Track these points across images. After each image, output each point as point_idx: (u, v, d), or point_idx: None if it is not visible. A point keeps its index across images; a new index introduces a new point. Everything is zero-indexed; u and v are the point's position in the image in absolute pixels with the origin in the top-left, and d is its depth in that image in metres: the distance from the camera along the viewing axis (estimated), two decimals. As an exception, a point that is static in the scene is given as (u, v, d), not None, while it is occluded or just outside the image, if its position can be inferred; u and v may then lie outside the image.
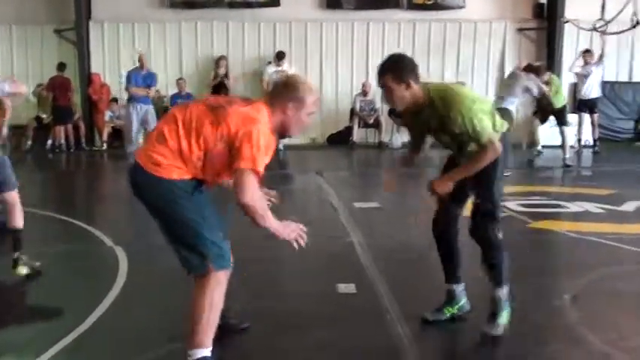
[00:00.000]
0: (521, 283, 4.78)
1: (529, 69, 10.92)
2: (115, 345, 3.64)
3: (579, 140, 13.59)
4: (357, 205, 7.83)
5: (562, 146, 11.44)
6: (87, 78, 14.92)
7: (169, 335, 3.88)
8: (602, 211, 7.50)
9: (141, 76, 11.84)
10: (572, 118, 12.74)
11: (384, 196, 8.59)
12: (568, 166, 11.25)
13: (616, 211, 7.48)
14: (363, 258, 5.42)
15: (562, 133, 11.48)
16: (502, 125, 3.75)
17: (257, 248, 5.49)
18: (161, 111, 12.62)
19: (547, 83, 11.12)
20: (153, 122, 11.41)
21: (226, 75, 14.60)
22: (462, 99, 3.56)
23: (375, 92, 15.05)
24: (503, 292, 3.76)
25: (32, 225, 5.91)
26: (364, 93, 14.79)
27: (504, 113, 10.06)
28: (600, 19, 12.64)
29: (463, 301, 4.02)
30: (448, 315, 3.98)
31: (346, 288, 4.63)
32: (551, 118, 11.74)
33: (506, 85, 10.55)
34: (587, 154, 13.42)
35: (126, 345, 3.73)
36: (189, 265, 3.22)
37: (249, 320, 3.93)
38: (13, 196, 5.10)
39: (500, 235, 3.72)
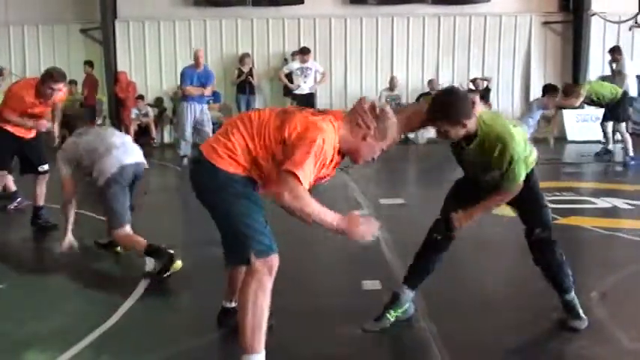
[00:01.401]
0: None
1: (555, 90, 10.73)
2: (138, 340, 3.68)
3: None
4: (383, 201, 7.82)
5: (624, 145, 11.17)
6: (113, 76, 15.07)
7: (191, 331, 3.93)
8: (631, 207, 7.41)
9: (196, 75, 11.47)
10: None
11: (409, 192, 8.56)
12: (633, 159, 10.91)
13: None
14: (389, 255, 5.41)
15: (619, 130, 11.22)
16: (532, 158, 3.78)
17: (280, 245, 5.50)
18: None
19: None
20: (208, 122, 11.31)
21: (250, 72, 14.62)
22: (512, 140, 3.52)
23: (401, 87, 15.08)
24: (572, 294, 3.93)
25: (60, 223, 6.00)
26: (391, 88, 14.80)
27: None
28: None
29: (407, 305, 3.95)
30: (391, 319, 3.89)
31: (372, 284, 4.63)
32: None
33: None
34: (618, 150, 13.23)
35: (149, 341, 3.77)
36: (233, 256, 3.28)
37: (274, 317, 3.94)
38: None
39: (561, 253, 3.87)
